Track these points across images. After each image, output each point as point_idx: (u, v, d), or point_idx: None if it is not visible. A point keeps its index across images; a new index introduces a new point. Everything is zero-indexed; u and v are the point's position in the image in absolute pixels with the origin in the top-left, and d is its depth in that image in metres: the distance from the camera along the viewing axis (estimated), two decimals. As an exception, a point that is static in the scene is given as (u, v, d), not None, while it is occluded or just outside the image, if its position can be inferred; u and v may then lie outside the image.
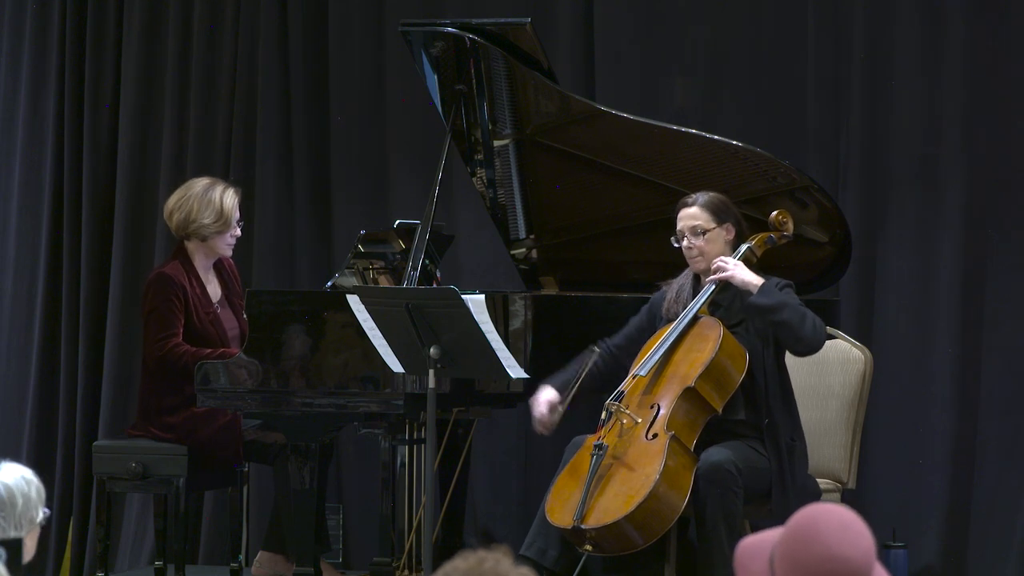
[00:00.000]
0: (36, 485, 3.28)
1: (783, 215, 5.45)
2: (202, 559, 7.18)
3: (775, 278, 5.31)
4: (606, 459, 5.09)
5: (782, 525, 2.61)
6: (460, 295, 5.05)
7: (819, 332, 5.18)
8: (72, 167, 7.48)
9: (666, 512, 5.02)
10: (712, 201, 5.35)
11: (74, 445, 7.41)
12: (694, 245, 5.31)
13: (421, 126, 6.93)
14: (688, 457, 5.11)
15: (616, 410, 5.19)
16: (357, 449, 6.98)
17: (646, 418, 5.15)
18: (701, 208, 5.33)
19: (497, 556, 2.37)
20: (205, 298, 6.13)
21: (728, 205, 5.37)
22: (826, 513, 2.57)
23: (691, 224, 5.32)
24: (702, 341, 5.22)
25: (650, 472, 5.01)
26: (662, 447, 5.05)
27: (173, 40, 7.41)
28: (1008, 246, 6.42)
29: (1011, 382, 6.38)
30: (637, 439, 5.13)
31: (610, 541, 5.02)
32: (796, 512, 2.59)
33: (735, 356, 5.21)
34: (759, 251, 5.36)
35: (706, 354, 5.17)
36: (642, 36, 6.88)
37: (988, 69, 6.43)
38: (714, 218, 5.32)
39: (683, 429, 5.14)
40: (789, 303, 5.17)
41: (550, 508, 5.13)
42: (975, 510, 6.41)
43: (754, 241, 5.36)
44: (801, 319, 5.15)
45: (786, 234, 5.45)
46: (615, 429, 5.18)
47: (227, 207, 6.11)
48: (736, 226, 5.35)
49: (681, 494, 5.04)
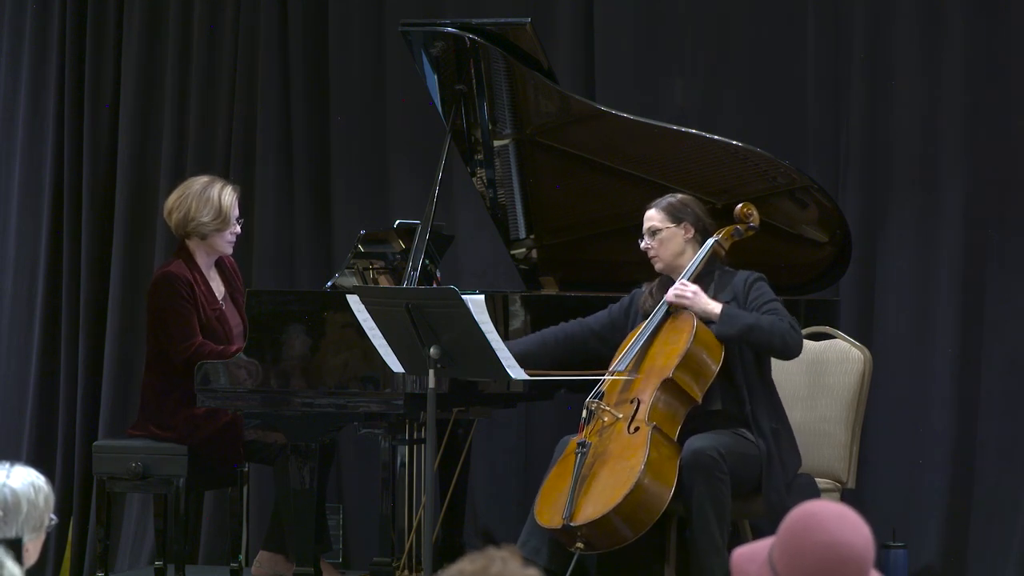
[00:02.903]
0: (45, 493, 3.26)
1: (747, 207, 5.53)
2: (202, 559, 7.18)
3: (743, 272, 5.38)
4: (589, 457, 5.13)
5: (773, 509, 2.61)
6: (460, 295, 5.05)
7: (789, 338, 5.24)
8: (72, 167, 7.48)
9: (653, 503, 5.04)
10: (669, 203, 5.48)
11: (74, 445, 7.41)
12: (650, 246, 5.46)
13: (421, 126, 6.93)
14: (672, 447, 5.15)
15: (597, 408, 5.24)
16: (357, 449, 6.98)
17: (627, 413, 5.19)
18: (657, 210, 5.47)
19: (504, 556, 2.36)
20: (210, 295, 6.13)
21: (686, 205, 5.47)
22: (823, 505, 2.59)
23: (647, 225, 5.48)
24: (677, 333, 5.29)
25: (634, 464, 5.04)
26: (644, 438, 5.09)
27: (173, 40, 7.41)
28: (1008, 246, 6.42)
29: (1011, 382, 6.38)
30: (619, 434, 5.17)
31: (600, 537, 5.03)
32: (788, 493, 2.60)
33: (711, 346, 5.26)
34: (727, 244, 5.46)
35: (681, 345, 5.23)
36: (642, 36, 6.88)
37: (988, 69, 6.43)
38: (669, 218, 5.44)
39: (664, 420, 5.18)
40: (754, 325, 5.23)
41: (539, 512, 5.17)
42: (975, 510, 6.41)
43: (720, 235, 5.45)
44: (770, 334, 5.22)
45: (752, 225, 5.53)
46: (597, 427, 5.23)
47: (225, 205, 6.11)
48: (696, 224, 5.44)
49: (667, 484, 5.07)
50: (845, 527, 2.54)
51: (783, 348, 5.25)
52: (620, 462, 5.10)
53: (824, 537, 2.52)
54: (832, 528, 2.53)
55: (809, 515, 2.56)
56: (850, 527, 2.54)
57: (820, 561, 2.51)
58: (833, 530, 2.53)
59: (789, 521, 2.57)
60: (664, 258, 5.45)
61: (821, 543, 2.52)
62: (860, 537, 2.54)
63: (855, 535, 2.54)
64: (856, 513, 2.59)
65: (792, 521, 2.57)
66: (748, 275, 5.39)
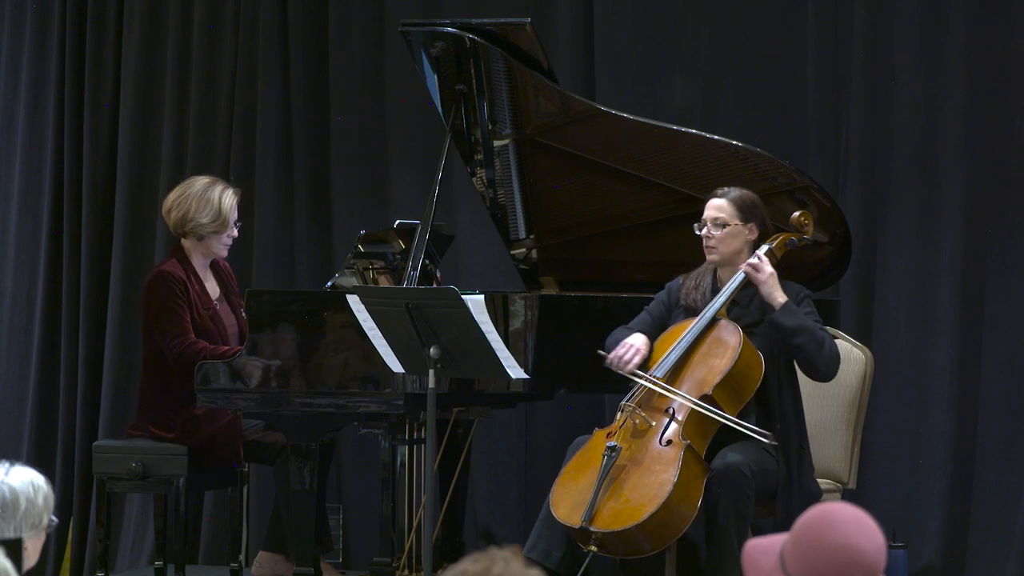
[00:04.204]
0: (45, 492, 3.25)
1: (805, 217, 5.38)
2: (202, 559, 7.18)
3: (796, 285, 5.30)
4: (618, 462, 5.05)
5: (784, 527, 2.61)
6: (460, 295, 5.05)
7: (832, 362, 5.16)
8: (72, 167, 7.48)
9: (677, 522, 5.00)
10: (742, 197, 5.32)
11: (74, 445, 7.41)
12: (713, 236, 5.28)
13: (421, 126, 6.93)
14: (700, 467, 5.08)
15: (631, 411, 5.15)
16: (357, 449, 6.98)
17: (660, 422, 5.11)
18: (729, 202, 5.30)
19: (507, 556, 2.35)
20: (205, 295, 6.13)
21: (757, 205, 5.33)
22: (840, 507, 2.58)
23: (714, 215, 5.30)
24: (721, 347, 5.18)
25: (664, 481, 4.97)
26: (677, 456, 5.01)
27: (173, 40, 7.40)
28: (1008, 245, 6.42)
29: (1011, 382, 6.38)
30: (650, 444, 5.09)
31: (617, 545, 5.00)
32: (802, 512, 2.59)
33: (752, 364, 5.16)
34: (779, 253, 5.30)
35: (725, 361, 5.13)
36: (642, 36, 6.88)
37: (988, 69, 6.43)
38: (739, 215, 5.29)
39: (696, 436, 5.09)
40: (808, 327, 5.14)
41: (555, 503, 5.09)
42: (975, 510, 6.41)
43: (775, 243, 5.30)
44: (818, 347, 5.13)
45: (806, 237, 5.38)
46: (628, 430, 5.14)
47: (225, 207, 6.11)
48: (760, 227, 5.31)
49: (692, 505, 5.01)
50: (860, 532, 2.53)
51: (824, 366, 5.15)
52: (649, 476, 5.02)
53: (838, 539, 2.52)
54: (848, 531, 2.53)
55: (826, 515, 2.55)
56: (865, 532, 2.54)
57: (831, 562, 2.51)
58: (848, 533, 2.53)
59: (805, 519, 2.57)
60: (724, 253, 5.28)
61: (834, 544, 2.52)
62: (873, 544, 2.54)
63: (868, 541, 2.53)
64: (873, 520, 2.58)
65: (808, 519, 2.56)
66: (801, 288, 5.29)
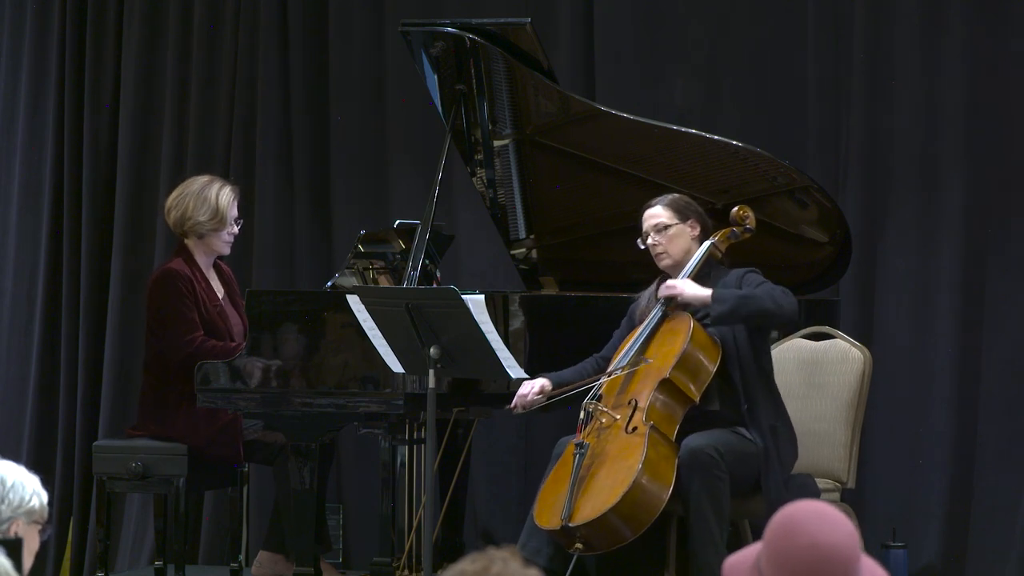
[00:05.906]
0: (22, 479, 3.22)
1: (743, 210, 5.48)
2: (202, 559, 7.19)
3: (737, 270, 5.37)
4: (587, 458, 5.12)
5: (775, 507, 2.61)
6: (460, 295, 5.05)
7: (783, 299, 5.22)
8: (72, 167, 7.48)
9: (651, 502, 5.04)
10: (674, 199, 5.45)
11: (74, 445, 7.41)
12: (658, 242, 5.40)
13: (421, 126, 6.93)
14: (669, 447, 5.15)
15: (595, 409, 5.24)
16: (357, 449, 6.98)
17: (624, 414, 5.18)
18: (664, 207, 5.43)
19: (505, 556, 2.36)
20: (211, 292, 6.14)
21: (690, 204, 5.46)
22: (800, 506, 2.59)
23: (655, 222, 5.42)
24: (673, 334, 5.29)
25: (632, 463, 5.04)
26: (642, 438, 5.09)
27: (173, 40, 7.41)
28: (1008, 246, 6.42)
29: (1011, 382, 6.38)
30: (617, 435, 5.16)
31: (599, 537, 5.03)
32: (787, 487, 2.60)
33: (707, 346, 5.27)
34: (723, 246, 5.43)
35: (678, 345, 5.22)
36: (642, 36, 6.88)
37: (988, 69, 6.43)
38: (677, 215, 5.41)
39: (662, 420, 5.18)
40: (745, 295, 5.24)
41: (538, 513, 5.16)
42: (975, 510, 6.41)
43: (717, 237, 5.42)
44: (761, 299, 5.22)
45: (749, 227, 5.48)
46: (595, 428, 5.22)
47: (223, 205, 6.11)
48: (700, 222, 5.42)
49: (665, 483, 5.07)
50: (825, 528, 2.54)
51: (777, 310, 5.21)
52: (618, 462, 5.10)
53: (805, 540, 2.53)
54: (812, 530, 2.53)
55: (788, 519, 2.56)
56: (829, 525, 2.54)
57: (806, 563, 2.52)
58: (814, 532, 2.53)
59: (771, 527, 2.58)
60: (674, 254, 5.39)
61: (803, 546, 2.53)
62: (841, 534, 2.54)
63: (836, 533, 2.54)
64: (834, 509, 2.59)
65: (773, 527, 2.57)
66: (741, 270, 5.39)
